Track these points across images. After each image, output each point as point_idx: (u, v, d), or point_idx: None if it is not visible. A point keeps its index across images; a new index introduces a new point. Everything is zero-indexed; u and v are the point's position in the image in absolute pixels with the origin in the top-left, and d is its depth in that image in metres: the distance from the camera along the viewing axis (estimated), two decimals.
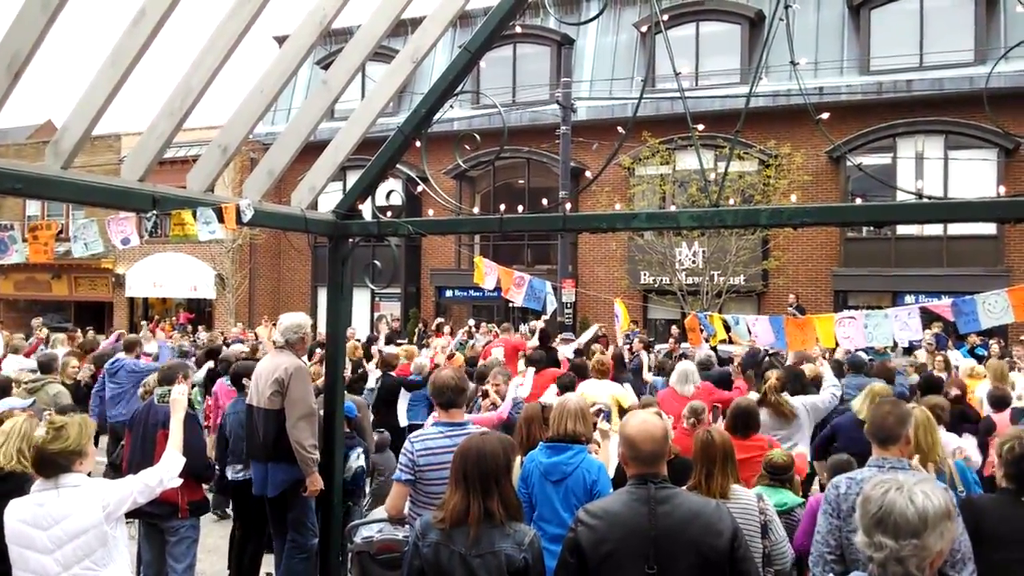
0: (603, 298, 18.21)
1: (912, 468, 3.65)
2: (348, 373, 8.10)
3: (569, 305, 17.94)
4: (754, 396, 6.90)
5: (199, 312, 25.65)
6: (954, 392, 7.06)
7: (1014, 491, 3.60)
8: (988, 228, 17.52)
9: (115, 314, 26.72)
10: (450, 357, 10.51)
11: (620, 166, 19.60)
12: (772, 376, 7.56)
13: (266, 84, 4.59)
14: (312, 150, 5.29)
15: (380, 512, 4.94)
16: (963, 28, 18.26)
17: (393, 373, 9.14)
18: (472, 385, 7.87)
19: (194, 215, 4.24)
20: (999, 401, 7.00)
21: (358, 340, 12.91)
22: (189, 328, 20.95)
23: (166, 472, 3.97)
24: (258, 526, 6.18)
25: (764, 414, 6.11)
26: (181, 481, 4.23)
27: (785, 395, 6.54)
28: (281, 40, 22.08)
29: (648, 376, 11.31)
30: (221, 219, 4.35)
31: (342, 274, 5.48)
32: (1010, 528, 3.50)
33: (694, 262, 18.76)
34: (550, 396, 6.67)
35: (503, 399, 6.73)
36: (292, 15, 4.54)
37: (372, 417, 8.13)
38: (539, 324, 11.23)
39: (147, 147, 4.23)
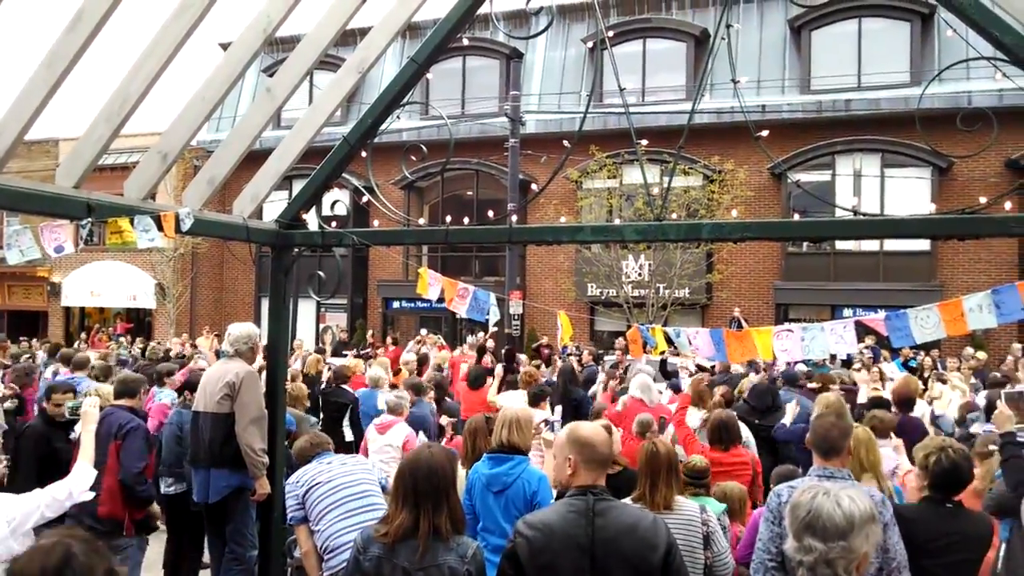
0: (550, 310, 18.30)
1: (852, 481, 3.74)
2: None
3: (517, 317, 17.99)
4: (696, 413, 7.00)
5: (138, 322, 25.04)
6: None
7: (939, 500, 3.73)
8: (922, 244, 18.07)
9: (50, 324, 25.93)
10: (397, 373, 10.41)
11: (568, 179, 19.75)
12: (717, 392, 7.67)
13: (208, 90, 4.51)
14: (257, 158, 5.22)
15: None
16: (899, 50, 18.89)
17: (347, 387, 9.00)
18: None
19: (132, 223, 4.15)
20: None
21: (308, 351, 12.75)
22: (127, 338, 20.43)
23: (75, 485, 3.86)
24: (194, 540, 6.04)
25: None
26: (94, 495, 4.12)
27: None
28: (226, 46, 21.88)
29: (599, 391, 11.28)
30: (160, 227, 4.26)
31: (285, 284, 5.41)
32: (935, 535, 3.62)
33: (640, 275, 18.98)
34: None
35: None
36: (238, 21, 4.48)
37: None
38: (484, 339, 11.21)
39: (83, 153, 4.13)
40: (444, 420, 7.44)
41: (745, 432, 6.51)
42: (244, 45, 4.47)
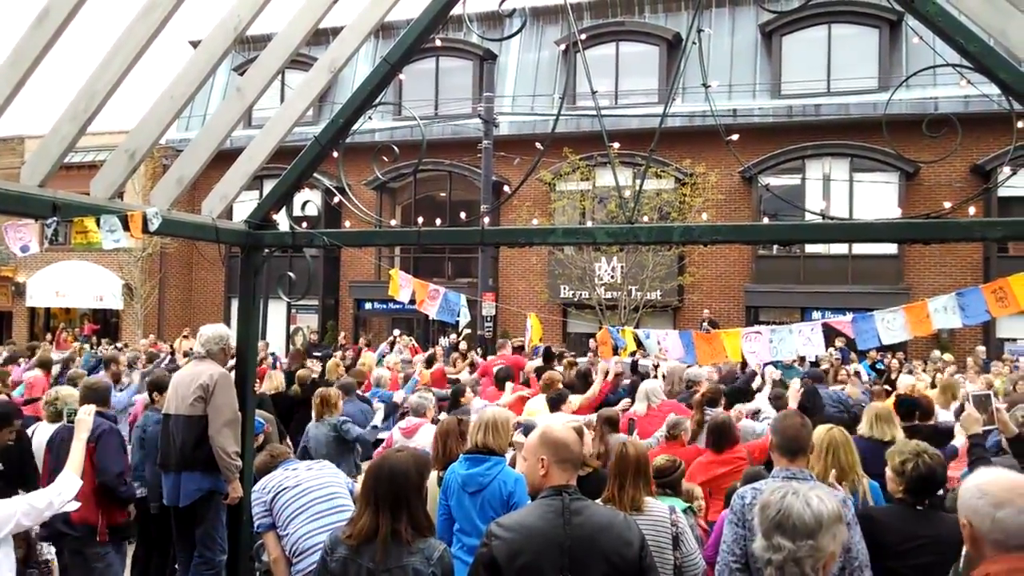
0: (523, 312, 18.33)
1: (816, 481, 3.78)
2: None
3: (489, 319, 17.99)
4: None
5: (104, 323, 24.67)
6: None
7: (911, 503, 3.78)
8: (890, 248, 18.34)
9: (15, 325, 25.46)
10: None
11: (541, 181, 19.79)
12: (699, 388, 7.63)
13: (177, 89, 4.46)
14: (228, 158, 5.17)
15: None
16: (868, 57, 19.17)
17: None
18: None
19: (98, 223, 4.09)
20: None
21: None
22: (94, 340, 20.13)
23: (57, 495, 3.79)
24: (161, 545, 5.97)
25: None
26: (78, 505, 4.06)
27: (708, 409, 6.66)
28: (197, 44, 21.67)
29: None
30: (127, 227, 4.21)
31: (255, 285, 5.37)
32: (904, 537, 3.66)
33: (612, 277, 19.06)
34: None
35: None
36: (208, 19, 4.45)
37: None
38: (456, 340, 11.06)
39: (49, 151, 4.06)
40: None
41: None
42: (214, 43, 4.43)
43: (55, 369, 9.61)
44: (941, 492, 4.15)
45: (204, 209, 5.14)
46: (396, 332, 16.55)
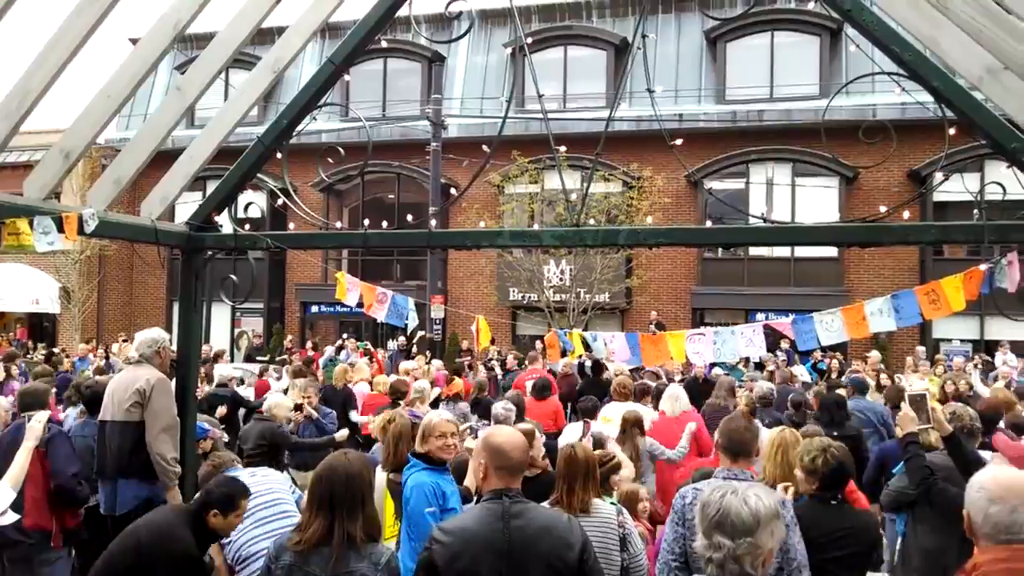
0: (472, 315, 18.30)
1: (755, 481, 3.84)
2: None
3: (439, 322, 17.92)
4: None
5: (39, 328, 23.93)
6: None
7: (827, 498, 3.91)
8: (831, 251, 18.77)
9: None
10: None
11: (490, 184, 19.79)
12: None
13: (115, 87, 4.36)
14: (170, 158, 5.07)
15: None
16: (809, 64, 19.60)
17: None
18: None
19: (31, 224, 3.97)
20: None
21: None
22: (29, 344, 19.53)
23: None
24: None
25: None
26: (17, 517, 3.93)
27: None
28: (137, 42, 21.16)
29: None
30: (62, 229, 4.09)
31: (196, 288, 5.26)
32: (821, 531, 3.78)
33: (561, 279, 19.14)
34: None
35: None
36: (149, 16, 4.33)
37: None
38: (406, 344, 10.91)
39: None
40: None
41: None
42: (153, 41, 4.35)
43: None
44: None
45: (143, 210, 5.02)
46: (343, 336, 16.43)
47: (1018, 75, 3.61)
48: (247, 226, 5.32)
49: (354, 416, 9.15)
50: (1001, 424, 6.10)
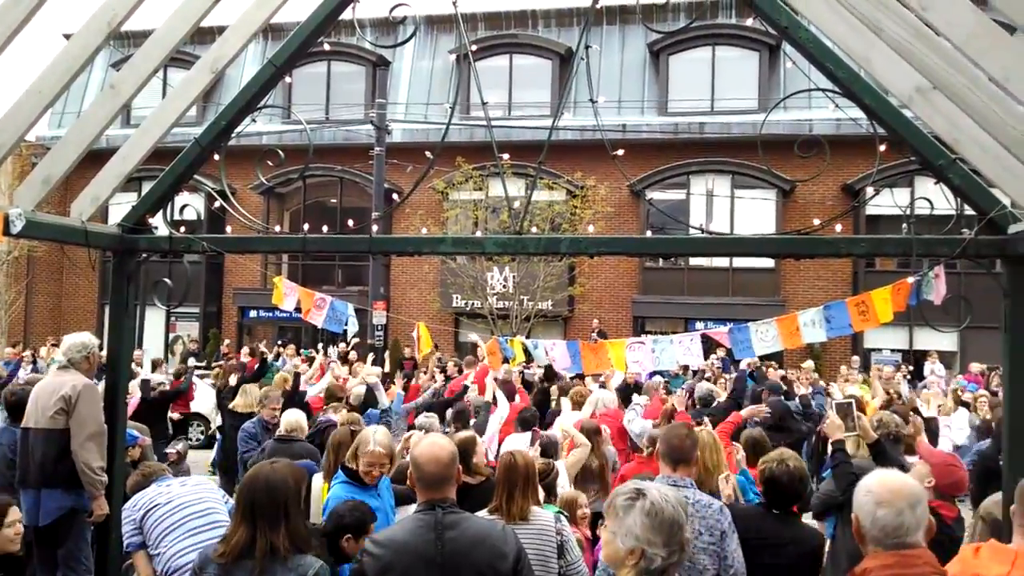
0: (414, 321, 18.19)
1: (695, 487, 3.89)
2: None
3: (380, 328, 17.76)
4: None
5: None
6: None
7: (765, 504, 3.98)
8: (768, 262, 19.18)
9: None
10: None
11: (435, 190, 19.73)
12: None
13: (45, 83, 4.22)
14: (104, 158, 4.92)
15: None
16: (749, 78, 20.06)
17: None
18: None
19: None
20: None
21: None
22: None
23: None
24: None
25: None
26: None
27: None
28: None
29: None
30: None
31: (128, 292, 5.11)
32: (758, 535, 3.84)
33: (505, 286, 19.17)
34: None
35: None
36: (84, 12, 4.20)
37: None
38: (346, 350, 10.72)
39: None
40: None
41: None
42: (87, 37, 4.22)
43: None
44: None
45: (73, 211, 4.86)
46: (279, 342, 16.15)
47: (946, 95, 3.74)
48: (182, 229, 5.18)
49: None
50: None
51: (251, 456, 6.78)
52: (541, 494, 4.37)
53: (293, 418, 6.34)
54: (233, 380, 9.80)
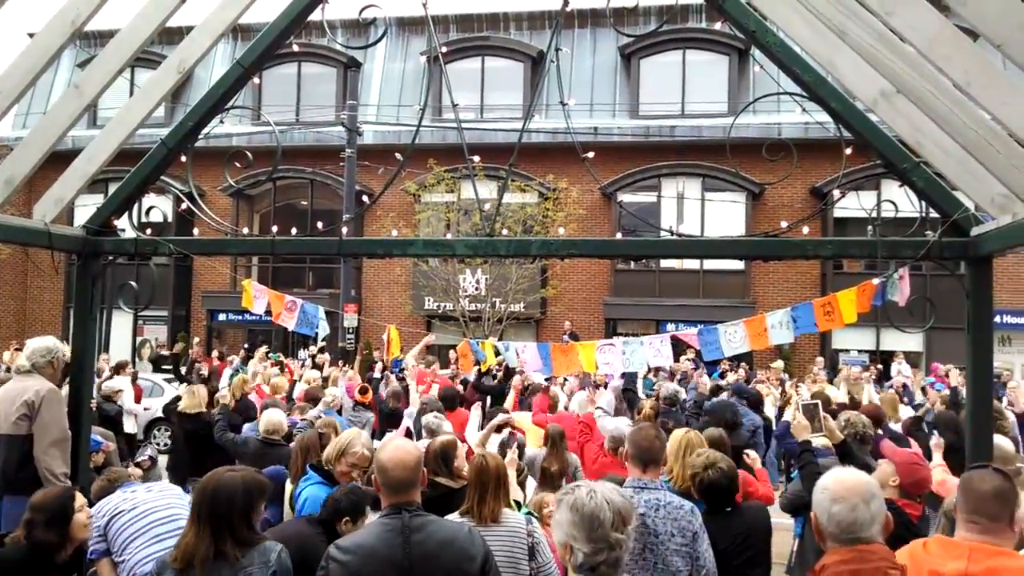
0: (386, 324, 18.10)
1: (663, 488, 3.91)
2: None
3: (351, 330, 17.66)
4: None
5: None
6: None
7: (716, 508, 4.11)
8: (738, 264, 19.34)
9: None
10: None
11: (406, 192, 19.67)
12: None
13: (8, 83, 4.15)
14: (68, 159, 4.85)
15: None
16: (719, 82, 20.24)
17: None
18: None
19: None
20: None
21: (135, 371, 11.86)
22: None
23: None
24: None
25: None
26: None
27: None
28: None
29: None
30: None
31: (92, 294, 5.04)
32: (725, 538, 3.93)
33: (477, 289, 19.14)
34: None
35: None
36: (48, 11, 4.14)
37: None
38: (315, 352, 10.63)
39: None
40: None
41: None
42: (50, 36, 4.16)
43: None
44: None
45: (36, 213, 4.78)
46: (246, 345, 15.99)
47: (910, 99, 3.80)
48: (149, 231, 5.12)
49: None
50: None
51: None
52: (520, 495, 4.38)
53: (276, 419, 6.24)
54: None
